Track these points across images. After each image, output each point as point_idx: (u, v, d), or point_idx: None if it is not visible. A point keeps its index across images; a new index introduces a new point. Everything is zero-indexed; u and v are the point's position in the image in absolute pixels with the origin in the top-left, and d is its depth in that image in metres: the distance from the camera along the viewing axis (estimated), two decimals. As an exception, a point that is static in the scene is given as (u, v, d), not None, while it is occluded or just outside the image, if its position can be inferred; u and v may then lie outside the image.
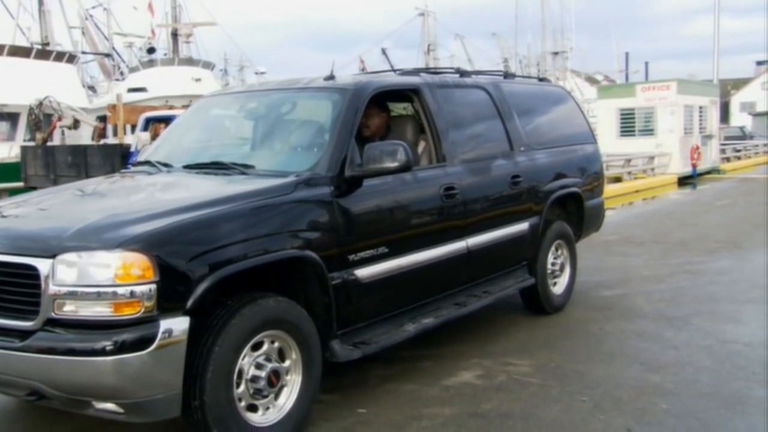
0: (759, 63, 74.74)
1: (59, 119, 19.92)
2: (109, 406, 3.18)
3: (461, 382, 4.50)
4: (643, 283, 7.26)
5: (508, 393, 4.33)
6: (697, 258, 8.55)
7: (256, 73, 45.93)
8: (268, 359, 3.58)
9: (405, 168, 4.10)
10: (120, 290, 3.06)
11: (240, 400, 3.47)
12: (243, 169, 4.22)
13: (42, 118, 19.52)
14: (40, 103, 19.19)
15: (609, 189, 15.19)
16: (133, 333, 3.06)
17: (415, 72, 5.29)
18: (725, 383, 4.41)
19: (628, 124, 20.82)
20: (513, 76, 6.49)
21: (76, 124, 20.56)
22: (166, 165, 4.61)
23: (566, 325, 5.79)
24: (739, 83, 71.66)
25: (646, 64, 66.75)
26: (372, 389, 4.44)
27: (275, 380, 3.60)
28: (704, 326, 5.65)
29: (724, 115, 52.29)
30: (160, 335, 3.10)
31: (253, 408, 3.55)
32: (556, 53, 55.63)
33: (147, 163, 4.77)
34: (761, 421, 3.88)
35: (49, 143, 19.08)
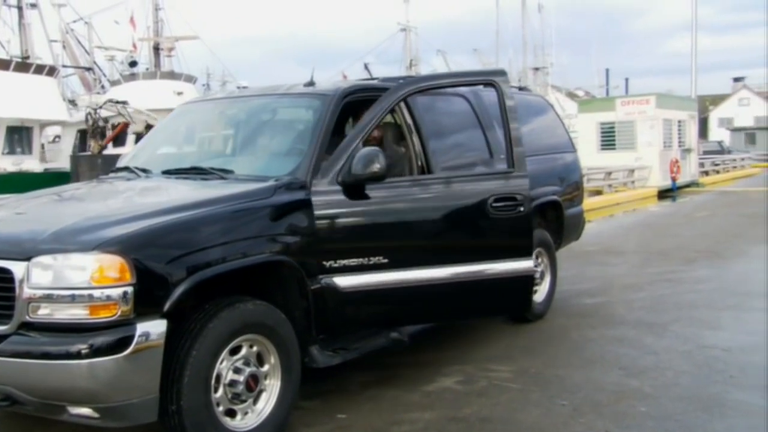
0: (736, 80, 76.01)
1: (126, 125, 18.15)
2: (84, 410, 3.14)
3: (442, 388, 4.49)
4: (623, 291, 7.30)
5: (488, 398, 4.32)
6: (677, 267, 8.61)
7: (238, 88, 45.85)
8: (247, 363, 3.55)
9: (380, 177, 3.98)
10: (96, 293, 3.03)
11: (218, 404, 3.44)
12: (222, 174, 4.21)
13: (101, 125, 17.94)
14: (99, 108, 17.56)
15: (590, 201, 15.32)
16: (109, 336, 3.03)
17: (396, 79, 5.30)
18: (703, 387, 4.44)
19: (608, 138, 21.01)
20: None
21: (148, 129, 19.72)
22: (144, 171, 4.60)
23: (547, 332, 5.80)
24: (717, 99, 72.70)
25: (626, 80, 67.31)
26: (352, 395, 4.42)
27: (254, 385, 3.57)
28: (683, 332, 5.68)
29: (703, 130, 52.99)
30: (136, 338, 3.07)
31: (231, 413, 3.52)
32: (537, 69, 56.11)
33: (126, 169, 4.75)
34: (739, 423, 3.91)
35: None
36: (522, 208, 4.40)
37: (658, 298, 6.92)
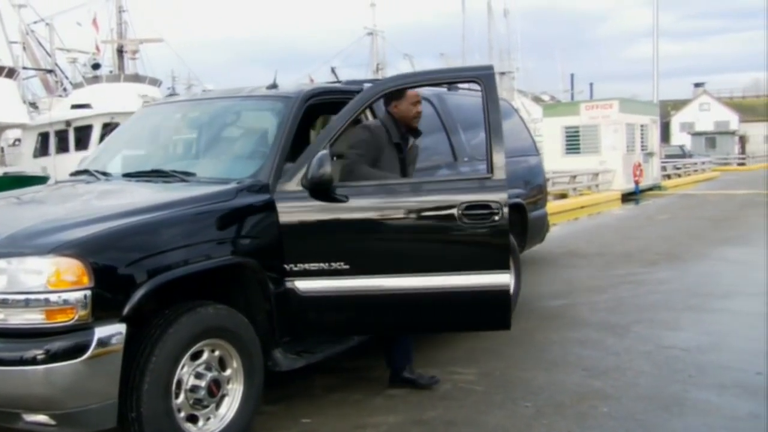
0: (696, 85, 77.53)
1: None
2: (41, 418, 3.07)
3: (406, 391, 4.48)
4: (586, 293, 7.38)
5: (452, 400, 4.33)
6: (639, 269, 8.74)
7: (204, 91, 45.41)
8: (209, 368, 3.51)
9: (327, 182, 3.81)
10: (52, 297, 2.97)
11: (179, 410, 3.39)
12: (184, 176, 4.17)
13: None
14: None
15: (555, 205, 15.49)
16: (66, 341, 2.98)
17: (360, 82, 5.31)
18: (663, 386, 4.50)
19: (573, 142, 21.26)
20: (457, 88, 6.56)
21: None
22: (105, 174, 4.54)
23: (511, 334, 5.76)
24: (679, 104, 74.07)
25: (591, 84, 68.12)
26: (317, 399, 4.40)
27: (216, 390, 3.53)
28: (644, 333, 5.76)
29: (665, 134, 53.93)
30: (94, 343, 3.01)
31: (193, 419, 3.47)
32: (503, 73, 56.53)
33: (85, 172, 4.68)
34: (696, 421, 3.97)
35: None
36: (497, 217, 3.91)
37: (619, 300, 7.02)
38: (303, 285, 3.89)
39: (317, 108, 4.59)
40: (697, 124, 67.79)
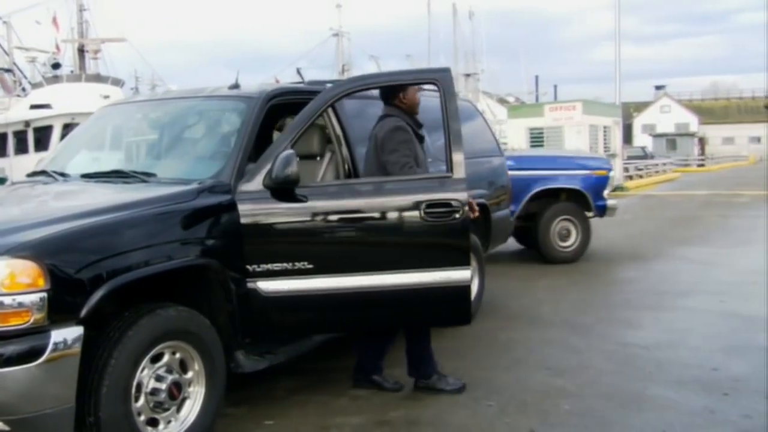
0: (658, 88, 78.98)
1: None
2: (-5, 423, 3.01)
3: (369, 392, 4.48)
4: (549, 293, 7.45)
5: (416, 401, 4.34)
6: (601, 268, 8.86)
7: (166, 92, 44.86)
8: (169, 371, 3.47)
9: (294, 181, 3.82)
10: (6, 300, 2.91)
11: (139, 414, 3.34)
12: (144, 177, 4.11)
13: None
14: None
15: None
16: (21, 344, 2.92)
17: (323, 83, 5.29)
18: (624, 383, 4.57)
19: (537, 143, 21.46)
20: (422, 89, 6.56)
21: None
22: (62, 174, 4.45)
23: (475, 334, 5.85)
24: (641, 106, 75.36)
25: (555, 86, 69.31)
26: (280, 401, 4.37)
27: (177, 392, 3.49)
28: (606, 332, 5.85)
29: (627, 136, 54.76)
30: (50, 347, 2.96)
31: (153, 422, 3.43)
32: (468, 75, 56.98)
33: (43, 173, 4.59)
34: (654, 417, 4.04)
35: None
36: (458, 215, 4.00)
37: (582, 300, 7.11)
38: (266, 286, 3.87)
39: (280, 108, 4.55)
40: (659, 126, 69.07)
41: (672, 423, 3.94)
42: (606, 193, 9.25)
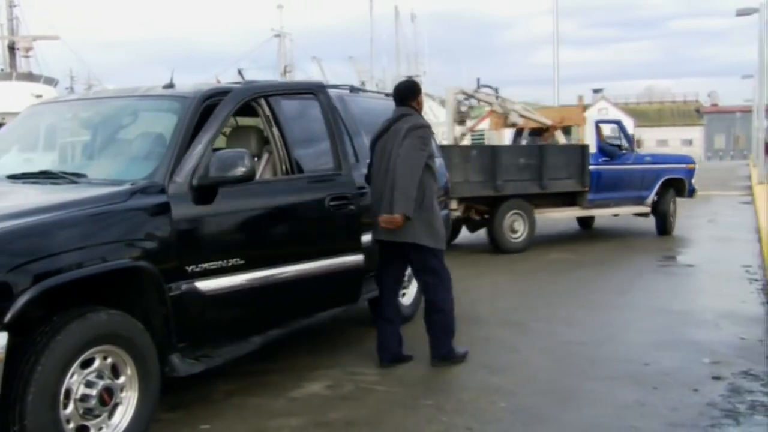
0: (595, 91, 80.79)
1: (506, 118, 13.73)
2: None
3: (308, 394, 4.46)
4: (489, 292, 7.55)
5: (354, 401, 4.34)
6: (541, 267, 9.02)
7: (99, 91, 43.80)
8: (100, 376, 3.38)
9: (247, 178, 4.01)
10: (-76, 305, 2.79)
11: (68, 421, 3.24)
12: (74, 178, 4.00)
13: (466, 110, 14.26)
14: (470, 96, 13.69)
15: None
16: (-60, 351, 2.80)
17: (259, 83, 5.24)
18: (560, 380, 4.66)
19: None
20: (359, 90, 6.58)
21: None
22: (-13, 175, 4.28)
23: (414, 335, 5.86)
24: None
25: (497, 89, 70.01)
26: (216, 404, 4.31)
27: (108, 398, 3.40)
28: (543, 329, 5.95)
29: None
30: (-29, 353, 2.85)
31: (83, 429, 3.33)
32: (410, 77, 57.26)
33: (-34, 174, 4.40)
34: (588, 412, 4.14)
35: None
36: (352, 207, 4.77)
37: (521, 299, 7.23)
38: (203, 285, 3.88)
39: (215, 109, 4.48)
40: (596, 129, 70.57)
41: (604, 416, 4.04)
42: (693, 180, 12.34)
